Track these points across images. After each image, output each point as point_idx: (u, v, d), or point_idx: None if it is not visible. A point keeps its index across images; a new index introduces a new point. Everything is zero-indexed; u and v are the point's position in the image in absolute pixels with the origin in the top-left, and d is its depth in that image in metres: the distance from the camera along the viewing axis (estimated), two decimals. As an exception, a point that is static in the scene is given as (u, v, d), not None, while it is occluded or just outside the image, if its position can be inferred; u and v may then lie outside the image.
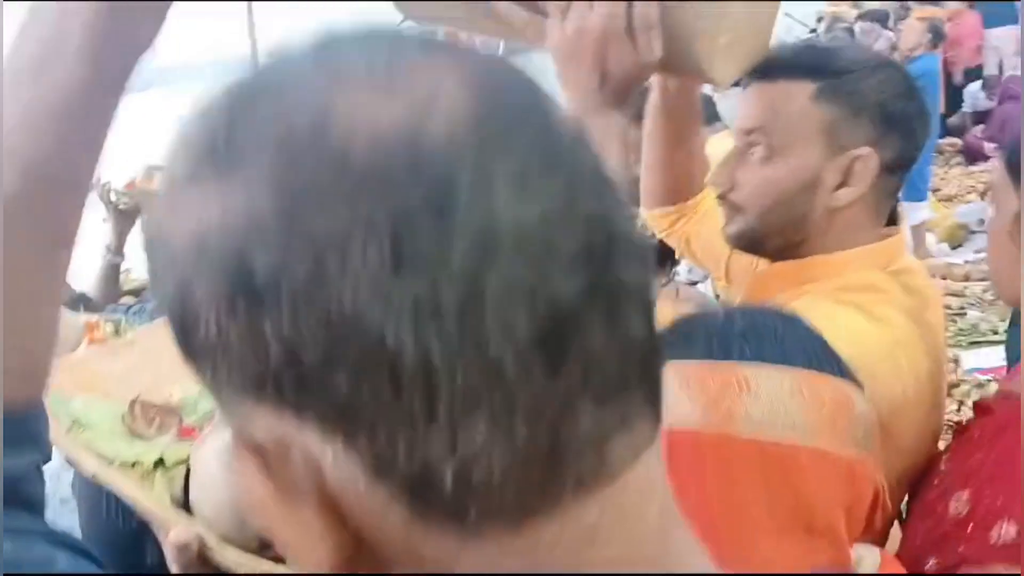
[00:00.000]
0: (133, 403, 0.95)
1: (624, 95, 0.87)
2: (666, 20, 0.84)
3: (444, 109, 0.28)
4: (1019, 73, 7.46)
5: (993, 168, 0.93)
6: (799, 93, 0.95)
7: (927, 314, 0.98)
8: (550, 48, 0.86)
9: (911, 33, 6.20)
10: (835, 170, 0.95)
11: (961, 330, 3.38)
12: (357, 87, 0.28)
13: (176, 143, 0.30)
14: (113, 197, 2.71)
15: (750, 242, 1.03)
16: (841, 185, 0.95)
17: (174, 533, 0.81)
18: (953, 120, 7.12)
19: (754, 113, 0.99)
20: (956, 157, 6.76)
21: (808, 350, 0.66)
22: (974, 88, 7.59)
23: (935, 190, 5.63)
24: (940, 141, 6.32)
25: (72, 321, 1.37)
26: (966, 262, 4.19)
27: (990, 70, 8.10)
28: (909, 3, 8.77)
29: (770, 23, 0.98)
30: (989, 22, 8.33)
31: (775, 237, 1.01)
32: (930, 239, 5.01)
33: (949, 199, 5.73)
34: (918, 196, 4.86)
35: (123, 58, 0.47)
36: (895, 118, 0.96)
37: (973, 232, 5.26)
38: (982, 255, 4.42)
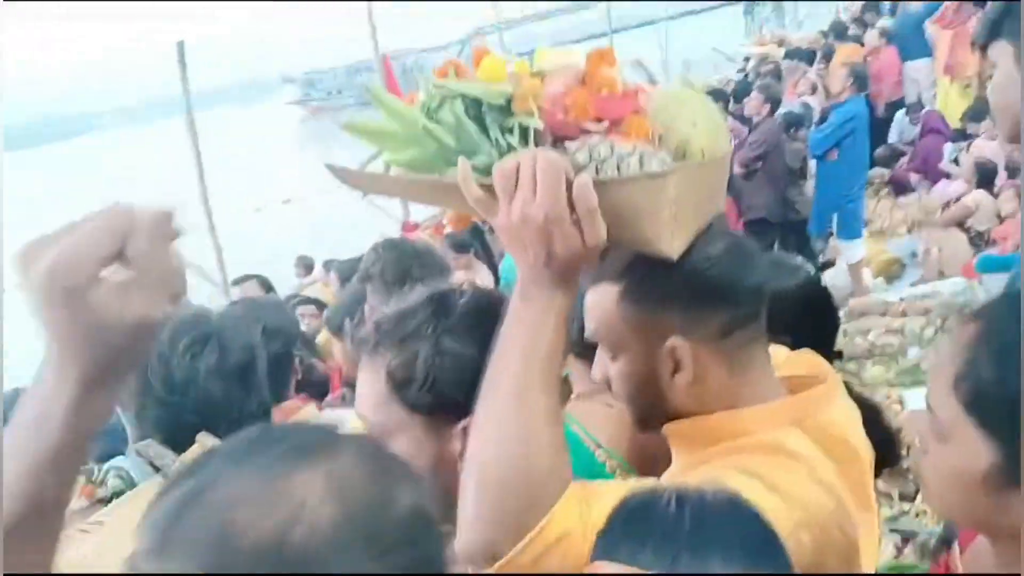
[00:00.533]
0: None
1: (571, 273, 0.90)
2: (608, 199, 0.86)
3: (306, 520, 0.53)
4: (937, 108, 7.82)
5: (948, 406, 0.87)
6: (607, 297, 0.99)
7: (851, 469, 0.98)
8: (497, 228, 0.89)
9: (835, 79, 6.44)
10: (663, 360, 0.97)
11: (903, 370, 3.46)
12: (248, 504, 0.54)
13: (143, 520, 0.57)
14: None
15: (639, 425, 1.07)
16: (675, 371, 0.97)
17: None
18: (880, 152, 7.40)
19: (589, 318, 1.02)
20: (884, 188, 7.01)
21: (752, 548, 0.71)
22: (900, 116, 7.90)
23: (867, 223, 5.82)
24: (869, 173, 6.57)
25: None
26: (902, 299, 4.30)
27: (910, 99, 8.47)
28: (834, 42, 9.13)
29: (712, 192, 1.00)
30: (906, 55, 8.73)
31: (652, 420, 1.04)
32: (867, 274, 5.16)
33: (881, 233, 5.92)
34: (854, 234, 5.02)
35: (91, 424, 0.66)
36: (705, 298, 0.97)
37: (906, 265, 5.45)
38: (917, 290, 4.58)
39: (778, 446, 0.93)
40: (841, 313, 4.31)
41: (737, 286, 0.99)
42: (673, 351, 0.97)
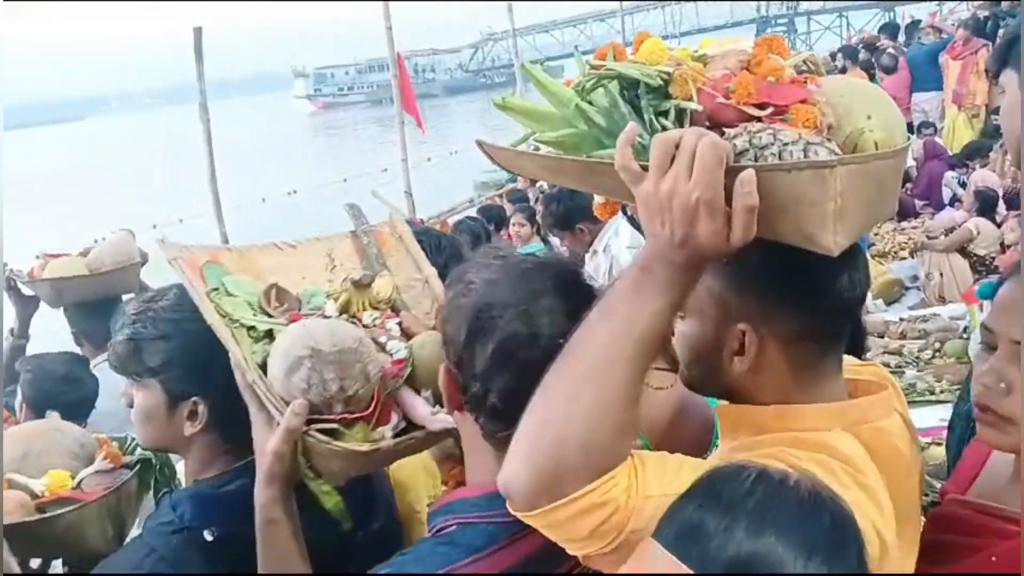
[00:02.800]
0: (270, 288, 1.26)
1: (701, 262, 0.86)
2: (767, 187, 0.81)
3: None
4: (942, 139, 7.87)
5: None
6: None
7: (899, 477, 0.98)
8: (639, 198, 0.85)
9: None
10: (730, 339, 0.97)
11: (900, 390, 3.48)
12: None
13: None
14: (16, 284, 2.77)
15: (689, 386, 1.07)
16: (737, 353, 0.96)
17: (294, 405, 1.11)
18: (884, 176, 7.43)
19: None
20: (888, 212, 7.05)
21: (814, 535, 0.72)
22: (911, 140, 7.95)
23: (870, 245, 5.85)
24: (873, 197, 6.60)
25: (86, 439, 1.62)
26: (901, 319, 4.33)
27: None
28: (845, 63, 9.18)
29: (884, 189, 0.93)
30: (917, 86, 8.80)
31: (703, 386, 1.05)
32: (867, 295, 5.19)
33: (883, 255, 5.95)
34: (855, 254, 5.06)
35: None
36: (790, 296, 0.95)
37: (907, 288, 5.48)
38: (917, 312, 4.61)
39: (823, 444, 0.92)
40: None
41: (827, 297, 0.97)
42: (741, 335, 0.96)
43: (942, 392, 3.32)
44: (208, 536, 1.21)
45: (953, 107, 8.27)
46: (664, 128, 0.90)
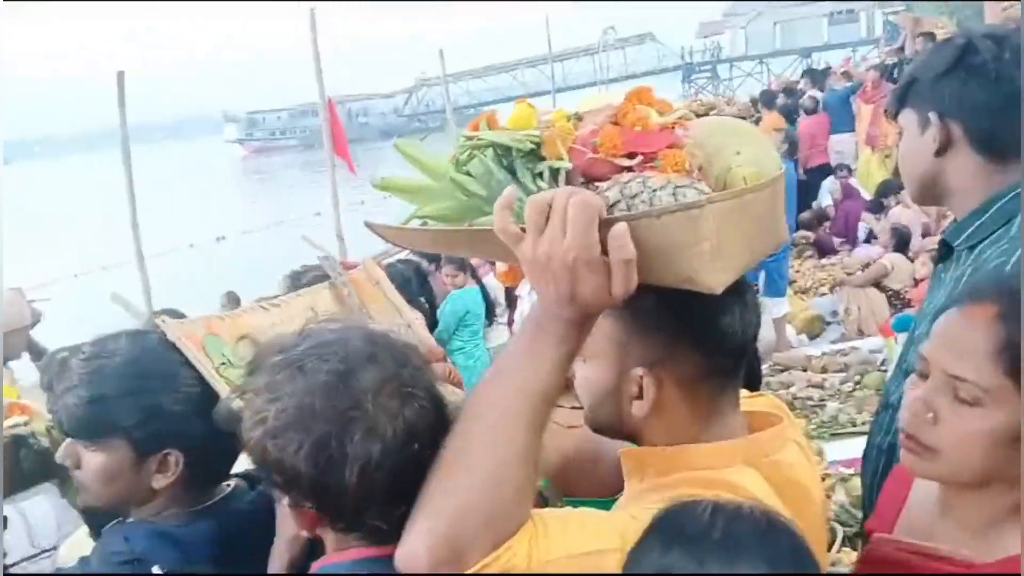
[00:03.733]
0: (252, 358, 1.17)
1: (590, 316, 0.87)
2: (642, 235, 0.82)
3: None
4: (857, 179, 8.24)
5: (988, 373, 0.97)
6: None
7: (802, 508, 0.99)
8: (522, 260, 0.86)
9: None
10: (629, 383, 0.98)
11: (823, 422, 3.59)
12: None
13: None
14: None
15: (595, 429, 1.07)
16: (637, 397, 0.98)
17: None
18: (804, 216, 7.73)
19: None
20: (808, 250, 7.32)
21: (781, 561, 0.75)
22: (829, 182, 8.30)
23: (792, 282, 6.05)
24: (794, 235, 6.85)
25: None
26: (823, 354, 4.48)
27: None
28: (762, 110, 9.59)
29: (764, 222, 0.95)
30: (832, 128, 9.24)
31: (607, 429, 1.06)
32: (790, 330, 5.35)
33: (804, 291, 6.16)
34: (778, 292, 5.22)
35: None
36: (685, 338, 0.97)
37: (828, 323, 5.68)
38: (837, 346, 4.77)
39: (725, 482, 0.94)
40: (766, 366, 4.48)
41: (721, 336, 0.98)
42: (639, 379, 0.97)
43: (863, 424, 3.43)
44: (156, 570, 1.17)
45: (867, 148, 8.69)
46: (540, 189, 0.92)
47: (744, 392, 1.12)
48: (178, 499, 1.26)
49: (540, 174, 0.94)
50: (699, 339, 0.97)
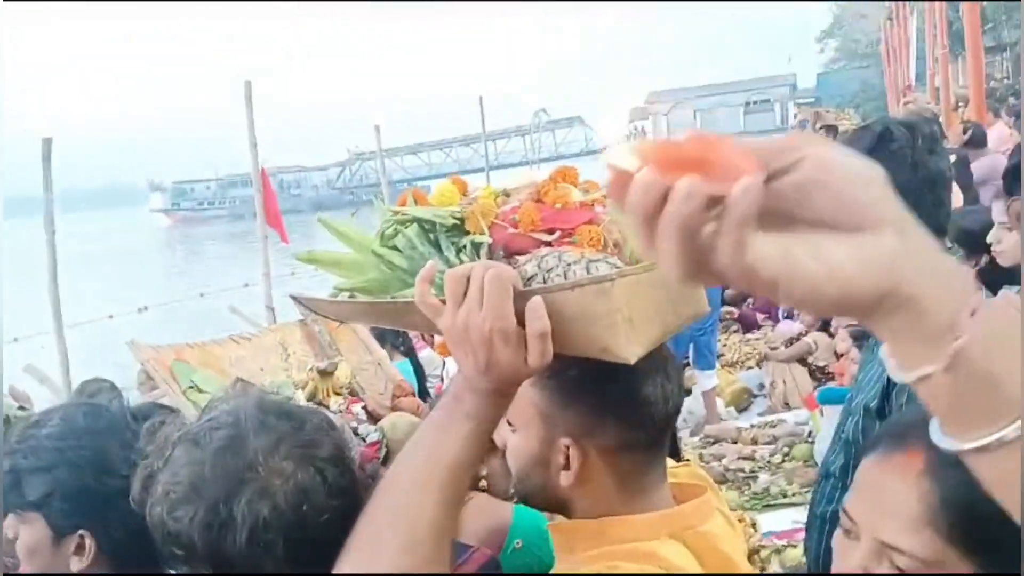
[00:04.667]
0: (235, 383, 1.30)
1: (508, 386, 0.89)
2: (557, 308, 0.84)
3: None
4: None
5: (923, 543, 0.84)
6: None
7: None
8: (443, 330, 0.87)
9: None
10: (555, 453, 1.00)
11: (755, 494, 3.63)
12: None
13: None
14: None
15: (523, 500, 1.09)
16: (564, 468, 1.00)
17: None
18: (729, 292, 7.99)
19: None
20: (733, 324, 7.54)
21: None
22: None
23: (719, 356, 6.20)
24: (720, 310, 7.07)
25: None
26: (752, 426, 4.57)
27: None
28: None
29: (677, 294, 0.97)
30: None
31: (536, 500, 1.07)
32: (719, 403, 5.45)
33: (732, 365, 6.31)
34: (708, 365, 5.34)
35: None
36: (609, 409, 0.99)
37: (755, 396, 5.81)
38: (765, 418, 4.88)
39: (651, 554, 0.95)
40: (696, 439, 4.54)
41: (643, 407, 1.00)
42: (565, 449, 0.99)
43: (794, 495, 3.49)
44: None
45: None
46: (462, 263, 0.95)
47: (668, 462, 1.13)
48: None
49: (463, 248, 0.98)
50: (622, 409, 0.99)
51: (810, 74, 46.05)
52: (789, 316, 7.30)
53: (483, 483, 1.55)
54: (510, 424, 1.04)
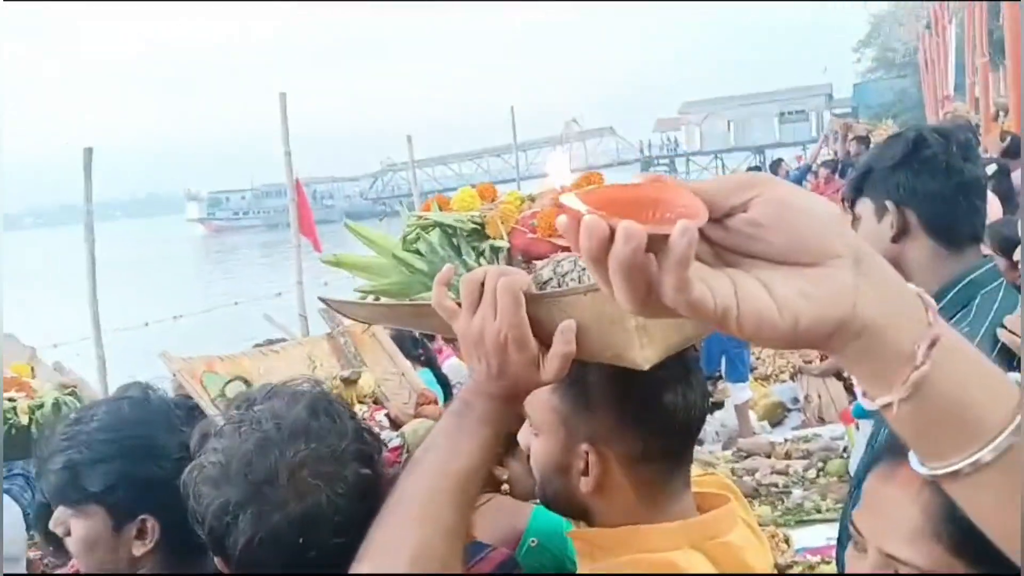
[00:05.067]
0: (228, 402, 1.23)
1: (518, 394, 0.89)
2: (572, 311, 0.84)
3: None
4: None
5: (925, 554, 0.85)
6: None
7: None
8: (457, 334, 0.88)
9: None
10: (576, 459, 0.99)
11: (788, 509, 3.56)
12: None
13: None
14: None
15: (547, 505, 1.08)
16: (584, 473, 0.99)
17: None
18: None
19: None
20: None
21: None
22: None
23: (752, 369, 6.12)
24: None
25: None
26: (786, 440, 4.49)
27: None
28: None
29: None
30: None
31: (558, 505, 1.07)
32: (752, 416, 5.38)
33: (766, 378, 6.22)
34: (740, 377, 5.28)
35: None
36: (629, 416, 0.98)
37: (789, 410, 5.73)
38: (799, 432, 4.80)
39: (673, 564, 0.94)
40: (729, 452, 4.48)
41: (664, 415, 0.99)
42: (585, 455, 0.98)
43: (828, 510, 3.42)
44: None
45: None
46: (480, 267, 0.96)
47: (695, 470, 1.12)
48: (162, 568, 1.25)
49: (482, 252, 0.99)
50: (642, 417, 0.98)
51: (847, 84, 45.58)
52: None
53: (505, 487, 1.56)
54: (533, 428, 1.04)
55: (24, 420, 1.76)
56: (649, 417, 0.98)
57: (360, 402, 1.38)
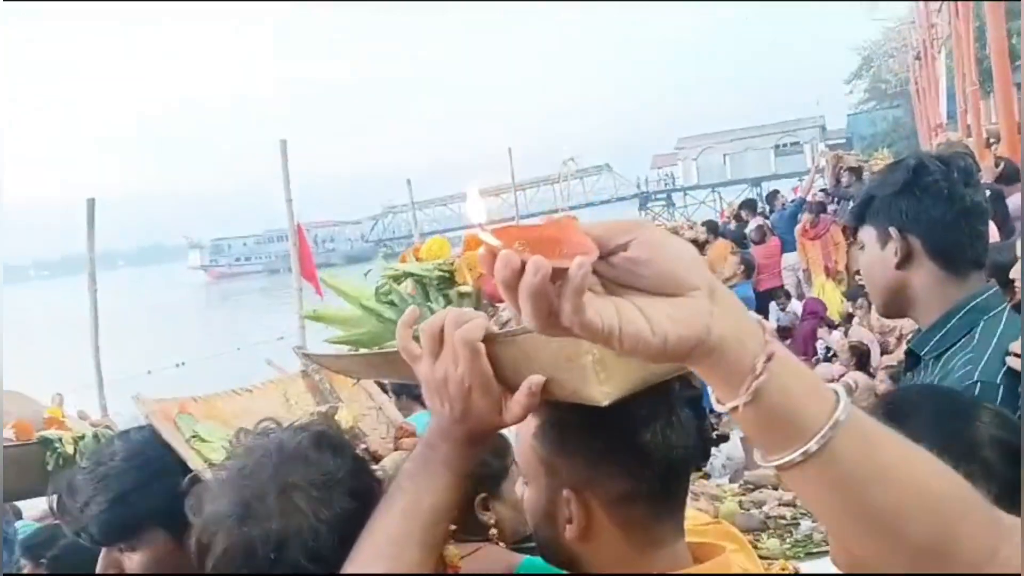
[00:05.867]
0: (239, 432, 1.27)
1: (481, 436, 0.91)
2: (530, 350, 0.85)
3: None
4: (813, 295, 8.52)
5: None
6: (529, 426, 0.98)
7: None
8: (420, 378, 0.90)
9: (727, 266, 6.98)
10: (560, 506, 0.97)
11: (797, 541, 3.53)
12: None
13: None
14: None
15: (541, 555, 1.06)
16: (569, 521, 0.96)
17: None
18: (765, 334, 7.90)
19: (516, 437, 1.05)
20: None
21: None
22: (794, 304, 8.59)
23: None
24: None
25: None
26: (793, 471, 4.46)
27: (789, 285, 9.22)
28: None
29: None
30: (785, 247, 9.60)
31: (548, 555, 1.04)
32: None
33: (771, 409, 6.19)
34: (745, 409, 5.26)
35: None
36: (606, 457, 0.95)
37: (795, 440, 5.68)
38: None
39: None
40: (736, 485, 4.44)
41: (643, 455, 0.95)
42: (568, 502, 0.96)
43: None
44: None
45: (821, 276, 9.03)
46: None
47: (699, 518, 1.10)
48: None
49: (450, 300, 1.03)
50: (620, 458, 0.95)
51: (840, 115, 46.03)
52: (828, 359, 7.19)
53: (493, 531, 1.54)
54: (523, 478, 1.04)
55: (70, 450, 1.81)
56: (627, 458, 0.95)
57: None
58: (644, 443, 0.95)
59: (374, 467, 1.28)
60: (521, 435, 1.02)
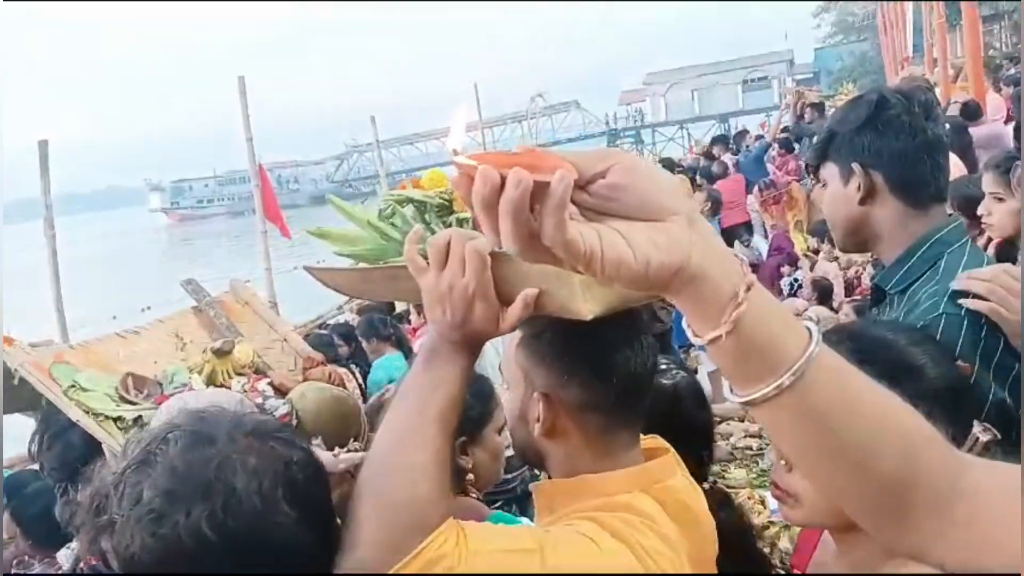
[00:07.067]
0: (125, 377, 1.27)
1: (478, 340, 1.00)
2: (523, 269, 0.93)
3: None
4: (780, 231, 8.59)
5: None
6: (512, 342, 1.13)
7: (692, 532, 1.12)
8: (423, 288, 0.97)
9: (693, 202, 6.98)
10: (532, 407, 1.11)
11: (763, 471, 3.64)
12: None
13: None
14: None
15: (517, 454, 1.22)
16: (537, 420, 1.10)
17: None
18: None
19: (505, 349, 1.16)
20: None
21: None
22: (758, 240, 8.64)
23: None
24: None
25: None
26: (759, 404, 4.57)
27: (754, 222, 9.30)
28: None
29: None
30: (749, 188, 9.63)
31: (523, 453, 1.19)
32: (724, 382, 5.46)
33: (737, 344, 6.30)
34: (712, 344, 5.34)
35: None
36: (575, 369, 1.08)
37: (760, 374, 5.80)
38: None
39: (627, 505, 1.05)
40: (704, 418, 4.54)
41: (610, 370, 1.08)
42: (536, 402, 1.10)
43: (801, 470, 3.49)
44: None
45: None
46: None
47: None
48: None
49: (450, 224, 1.11)
50: (586, 372, 1.08)
51: (807, 50, 45.82)
52: (793, 293, 7.30)
53: (470, 475, 1.57)
54: (505, 383, 1.14)
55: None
56: (593, 373, 1.08)
57: (239, 373, 1.35)
58: (610, 362, 1.08)
59: (279, 401, 1.26)
60: (507, 347, 1.15)
